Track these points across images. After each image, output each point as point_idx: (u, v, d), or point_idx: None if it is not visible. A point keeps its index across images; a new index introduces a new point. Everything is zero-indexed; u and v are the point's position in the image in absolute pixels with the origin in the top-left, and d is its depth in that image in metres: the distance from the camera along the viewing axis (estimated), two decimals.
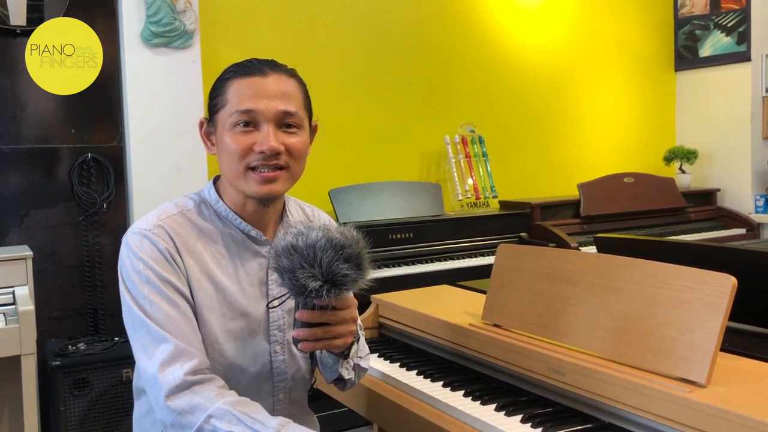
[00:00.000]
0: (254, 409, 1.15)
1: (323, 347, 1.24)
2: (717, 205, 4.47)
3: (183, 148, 3.04)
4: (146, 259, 1.23)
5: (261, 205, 1.32)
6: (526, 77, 4.29)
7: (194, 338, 1.23)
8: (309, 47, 3.60)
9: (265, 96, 1.26)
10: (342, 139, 3.65)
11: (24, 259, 2.65)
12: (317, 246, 1.13)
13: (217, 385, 1.19)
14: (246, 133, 1.26)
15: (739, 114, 4.49)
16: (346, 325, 1.23)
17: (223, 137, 1.28)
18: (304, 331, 1.19)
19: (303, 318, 1.19)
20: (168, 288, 1.23)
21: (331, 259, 1.13)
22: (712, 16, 4.60)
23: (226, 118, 1.27)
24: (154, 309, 1.21)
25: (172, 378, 1.16)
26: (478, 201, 3.86)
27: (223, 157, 1.30)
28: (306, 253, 1.13)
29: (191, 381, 1.16)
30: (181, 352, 1.18)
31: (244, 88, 1.26)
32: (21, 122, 2.98)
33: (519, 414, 1.29)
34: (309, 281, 1.13)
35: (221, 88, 1.30)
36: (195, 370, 1.18)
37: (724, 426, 1.01)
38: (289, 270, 1.14)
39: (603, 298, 1.30)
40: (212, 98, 1.32)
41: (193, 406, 1.14)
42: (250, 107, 1.25)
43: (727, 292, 1.12)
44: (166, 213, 1.31)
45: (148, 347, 1.20)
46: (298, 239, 1.14)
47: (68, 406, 2.65)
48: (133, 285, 1.24)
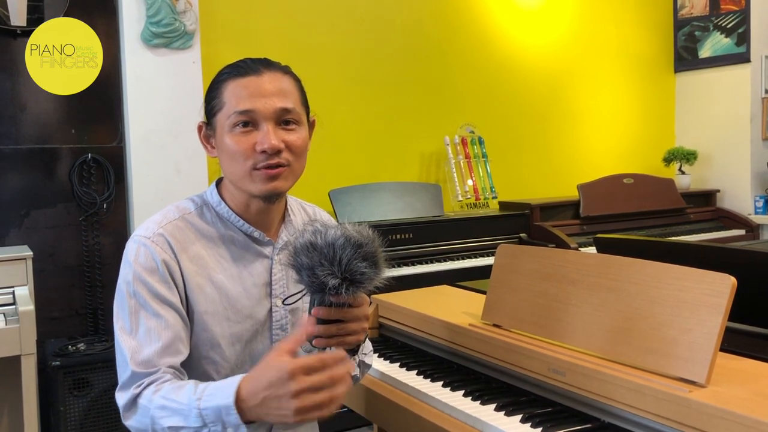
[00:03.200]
0: (178, 393, 1.13)
1: (337, 344, 1.25)
2: (716, 206, 4.47)
3: (183, 148, 3.04)
4: (138, 271, 1.24)
5: (267, 203, 1.32)
6: (525, 78, 4.30)
7: (171, 352, 1.22)
8: (309, 48, 3.61)
9: (261, 95, 1.26)
10: (342, 140, 3.65)
11: (24, 259, 2.66)
12: (337, 244, 1.14)
13: (157, 381, 1.18)
14: (246, 133, 1.26)
15: (738, 115, 4.49)
16: (360, 322, 1.25)
17: (223, 139, 1.28)
18: (320, 327, 1.21)
19: (319, 315, 1.20)
20: (155, 300, 1.23)
21: (350, 257, 1.14)
22: (711, 18, 4.61)
23: (224, 120, 1.27)
24: (137, 322, 1.22)
25: (123, 401, 1.19)
26: (477, 202, 3.86)
27: (224, 160, 1.29)
28: (326, 251, 1.14)
29: (136, 394, 1.18)
30: (135, 376, 1.19)
31: (240, 88, 1.26)
32: (21, 123, 2.98)
33: (519, 414, 1.29)
34: (329, 278, 1.14)
35: (217, 90, 1.29)
36: (145, 384, 1.19)
37: (724, 426, 1.02)
38: (309, 267, 1.15)
39: (602, 298, 1.30)
40: (209, 101, 1.31)
41: (141, 418, 1.17)
42: (248, 107, 1.25)
43: (727, 292, 1.12)
44: (168, 218, 1.30)
45: (120, 366, 1.23)
46: (317, 237, 1.16)
47: (68, 406, 2.65)
48: (120, 295, 1.26)
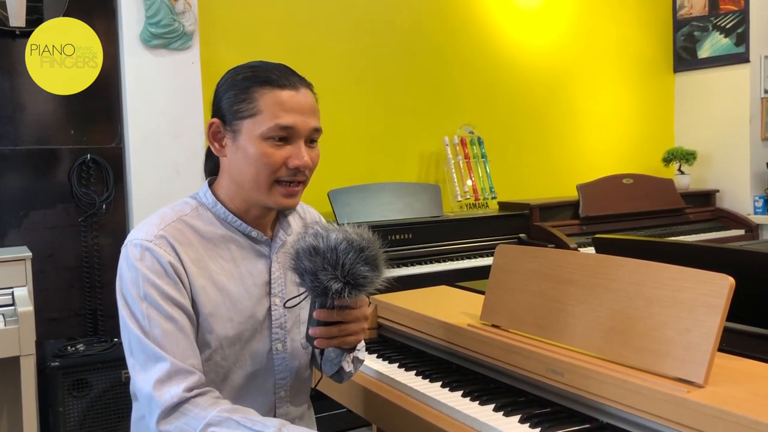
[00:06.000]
0: (252, 414, 1.16)
1: (337, 344, 1.26)
2: (716, 206, 4.47)
3: (182, 149, 3.04)
4: (146, 273, 1.21)
5: (272, 211, 1.34)
6: (525, 78, 4.30)
7: (191, 354, 1.21)
8: (308, 48, 3.61)
9: (300, 112, 1.26)
10: (341, 140, 3.65)
11: (23, 260, 2.66)
12: (339, 249, 1.15)
13: (213, 396, 1.19)
14: (279, 147, 1.25)
15: (737, 115, 4.49)
16: (359, 323, 1.26)
17: (249, 146, 1.25)
18: (321, 329, 1.22)
19: (321, 317, 1.21)
20: (167, 303, 1.21)
21: (353, 261, 1.15)
22: (710, 18, 4.61)
23: (256, 127, 1.25)
24: (152, 325, 1.20)
25: (169, 396, 1.15)
26: (477, 202, 3.86)
27: (243, 165, 1.27)
28: (329, 255, 1.15)
29: (187, 397, 1.16)
30: (177, 371, 1.17)
31: (281, 101, 1.25)
32: (20, 123, 2.98)
33: (517, 414, 1.29)
34: (332, 283, 1.15)
35: (248, 95, 1.26)
36: (192, 387, 1.17)
37: (722, 426, 1.02)
38: (311, 272, 1.16)
39: (601, 298, 1.30)
40: (235, 102, 1.27)
41: (188, 422, 1.14)
42: (290, 123, 1.25)
43: (725, 293, 1.12)
44: (166, 221, 1.28)
45: (145, 364, 1.19)
46: (319, 240, 1.16)
47: (67, 406, 2.65)
48: (131, 299, 1.22)
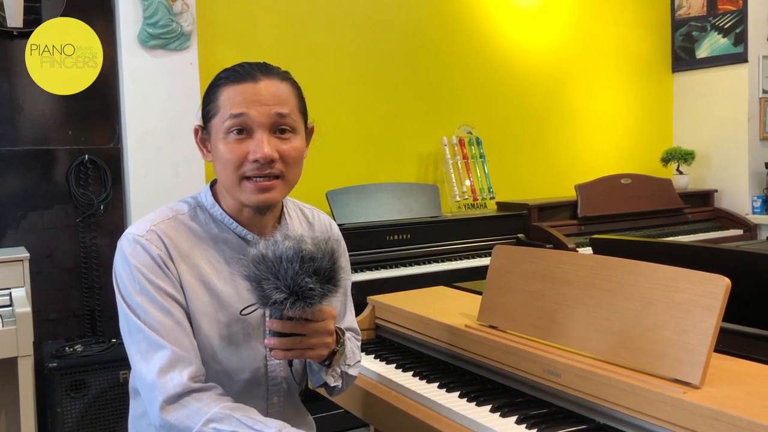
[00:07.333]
0: (254, 413, 1.16)
1: (296, 357, 1.24)
2: (714, 206, 4.48)
3: (180, 149, 3.04)
4: (139, 267, 1.23)
5: (257, 213, 1.31)
6: (523, 78, 4.30)
7: (189, 345, 1.22)
8: (306, 48, 3.60)
9: (257, 102, 1.24)
10: (339, 141, 3.65)
11: (21, 260, 2.66)
12: (284, 257, 1.11)
13: (216, 392, 1.20)
14: (240, 141, 1.24)
15: (736, 115, 4.50)
16: (320, 337, 1.22)
17: (217, 145, 1.27)
18: (275, 340, 1.19)
19: (273, 327, 1.18)
20: (162, 296, 1.22)
21: (296, 271, 1.10)
22: (709, 18, 4.61)
23: (219, 125, 1.26)
24: (149, 317, 1.21)
25: (172, 384, 1.16)
26: (475, 202, 3.86)
27: (217, 165, 1.28)
28: (273, 264, 1.11)
29: (192, 388, 1.16)
30: (179, 359, 1.18)
31: (235, 94, 1.24)
32: (18, 124, 2.98)
33: (514, 415, 1.29)
34: (273, 293, 1.11)
35: (213, 94, 1.28)
36: (194, 376, 1.18)
37: (718, 427, 1.02)
38: (256, 280, 1.13)
39: (598, 299, 1.30)
40: (205, 105, 1.30)
41: (189, 416, 1.14)
42: (241, 111, 1.23)
43: (721, 293, 1.12)
44: (161, 217, 1.30)
45: (146, 353, 1.19)
46: (268, 249, 1.13)
47: (65, 407, 2.65)
48: (127, 293, 1.23)
